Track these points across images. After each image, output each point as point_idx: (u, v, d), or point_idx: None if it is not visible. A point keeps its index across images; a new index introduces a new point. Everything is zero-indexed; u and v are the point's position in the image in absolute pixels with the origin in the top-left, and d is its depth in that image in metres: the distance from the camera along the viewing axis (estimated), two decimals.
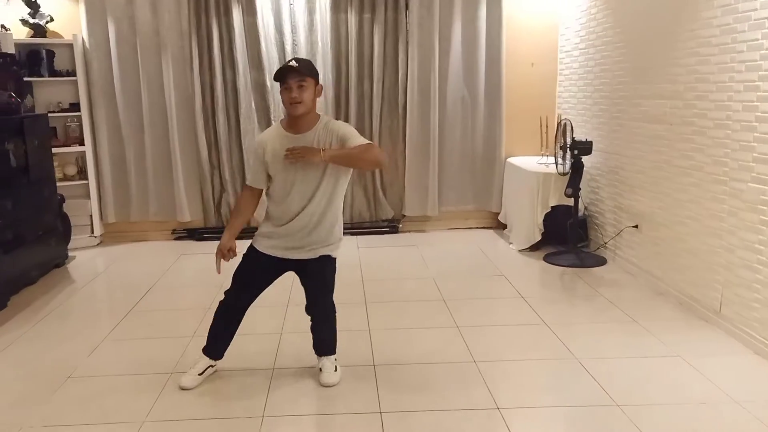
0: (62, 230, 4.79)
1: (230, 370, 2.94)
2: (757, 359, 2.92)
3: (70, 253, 4.91)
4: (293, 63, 2.52)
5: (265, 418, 2.51)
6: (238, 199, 2.65)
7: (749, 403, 2.53)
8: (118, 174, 5.40)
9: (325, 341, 2.85)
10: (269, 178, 2.66)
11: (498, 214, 5.61)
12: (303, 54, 5.28)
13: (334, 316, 2.84)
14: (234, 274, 2.76)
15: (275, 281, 2.81)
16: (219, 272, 2.69)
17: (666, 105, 3.73)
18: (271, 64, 5.28)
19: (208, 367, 2.83)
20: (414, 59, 5.33)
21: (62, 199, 4.87)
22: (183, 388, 2.75)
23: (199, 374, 2.79)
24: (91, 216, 5.31)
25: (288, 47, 5.28)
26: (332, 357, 2.84)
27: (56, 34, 5.08)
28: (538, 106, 5.43)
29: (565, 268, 4.44)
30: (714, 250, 3.29)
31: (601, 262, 4.52)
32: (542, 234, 4.76)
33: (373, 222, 5.61)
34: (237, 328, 2.83)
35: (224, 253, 2.70)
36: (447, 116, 5.50)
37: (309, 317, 2.83)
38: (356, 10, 5.25)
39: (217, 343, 2.83)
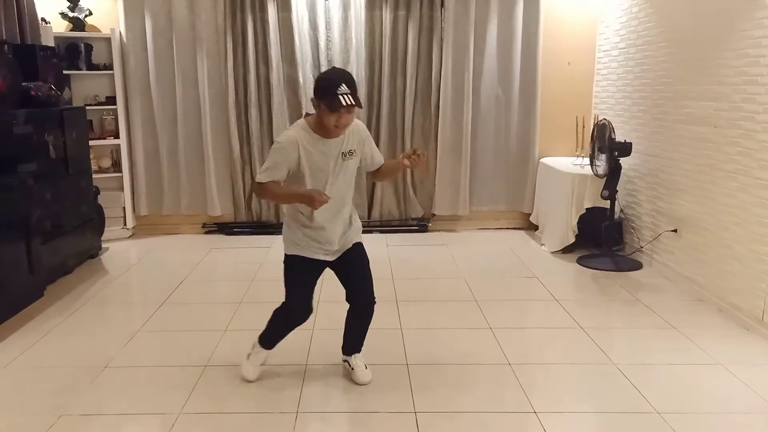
0: (97, 222, 4.86)
1: (264, 365, 2.94)
2: None
3: (103, 245, 4.98)
4: (349, 97, 2.37)
5: (299, 414, 2.51)
6: (270, 187, 2.53)
7: None
8: (152, 167, 5.46)
9: (360, 337, 2.81)
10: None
11: (530, 214, 5.53)
12: (337, 51, 5.27)
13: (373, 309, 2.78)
14: (290, 288, 2.67)
15: None
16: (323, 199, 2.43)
17: (711, 107, 3.63)
18: (305, 60, 5.28)
19: (265, 360, 2.85)
20: (448, 57, 5.28)
21: (97, 191, 4.94)
22: (247, 380, 2.76)
23: (261, 365, 2.81)
24: (124, 208, 5.38)
25: (322, 43, 5.27)
26: (360, 354, 2.82)
27: (94, 28, 5.15)
28: (574, 106, 5.34)
29: (600, 271, 4.36)
30: (759, 257, 3.19)
31: (637, 266, 4.43)
32: (576, 236, 4.68)
33: (402, 220, 5.58)
34: None
35: (320, 197, 2.42)
36: (480, 115, 5.44)
37: (346, 313, 2.78)
38: (391, 7, 5.22)
39: (277, 340, 2.82)
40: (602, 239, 4.56)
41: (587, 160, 4.63)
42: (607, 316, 3.63)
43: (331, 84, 2.39)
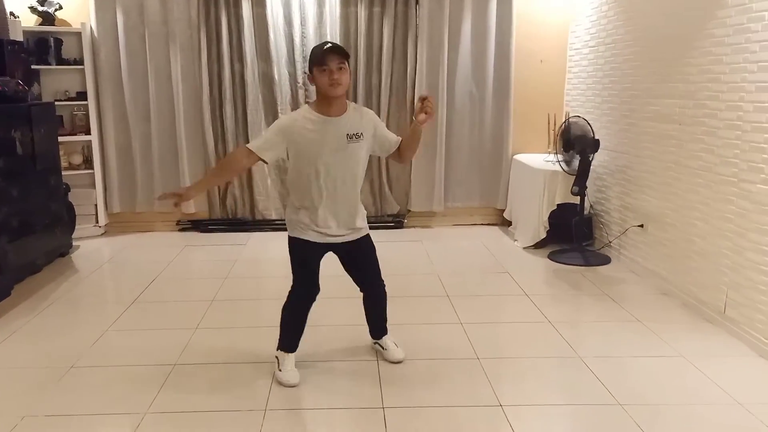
0: (68, 219, 4.80)
1: (233, 363, 2.95)
2: (762, 362, 2.91)
3: (74, 243, 4.92)
4: (330, 45, 2.52)
5: (268, 412, 2.51)
6: (229, 157, 2.59)
7: (754, 405, 2.51)
8: (124, 164, 5.40)
9: (380, 320, 2.96)
10: (281, 161, 2.70)
11: (503, 211, 5.59)
12: (311, 47, 5.24)
13: (385, 293, 2.93)
14: (294, 268, 2.72)
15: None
16: (161, 198, 2.62)
17: (677, 104, 3.70)
18: (280, 56, 5.27)
19: (293, 359, 2.84)
20: (423, 53, 5.30)
21: (68, 188, 4.88)
22: (292, 386, 2.71)
23: (294, 366, 2.79)
24: (96, 206, 5.32)
25: (297, 39, 5.26)
26: (388, 335, 2.98)
27: (64, 23, 5.08)
28: (546, 104, 5.40)
29: (570, 266, 4.43)
30: (721, 251, 3.27)
31: (606, 261, 4.50)
32: (547, 232, 4.75)
33: (378, 217, 5.60)
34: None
35: (177, 196, 2.55)
36: (455, 111, 5.47)
37: (361, 304, 2.92)
38: (366, 3, 5.22)
39: (296, 337, 2.82)
40: (573, 235, 4.63)
41: (560, 157, 4.68)
42: (575, 311, 3.69)
43: (318, 48, 2.55)
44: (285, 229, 2.75)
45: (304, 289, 2.72)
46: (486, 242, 5.13)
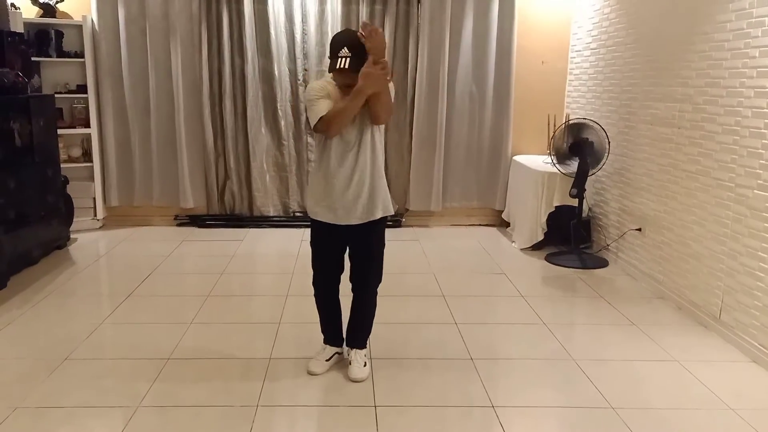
0: (65, 212, 4.80)
1: (227, 358, 2.95)
2: (755, 367, 2.91)
3: (72, 235, 4.92)
4: (344, 60, 2.45)
5: (260, 408, 2.51)
6: (329, 114, 2.47)
7: (745, 411, 2.52)
8: (123, 157, 5.40)
9: (355, 329, 2.83)
10: None
11: (502, 212, 5.58)
12: (312, 44, 5.27)
13: (375, 298, 2.83)
14: (312, 250, 2.76)
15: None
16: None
17: (675, 108, 3.70)
18: (280, 52, 5.26)
19: (335, 354, 2.85)
20: (424, 52, 5.29)
21: (66, 181, 4.87)
22: (312, 373, 2.76)
23: (327, 360, 2.81)
24: (94, 199, 5.32)
25: (298, 36, 5.26)
26: (363, 351, 2.83)
27: (66, 15, 5.07)
28: (547, 105, 5.39)
29: (567, 268, 4.43)
30: (717, 255, 3.27)
31: (603, 264, 4.50)
32: (545, 233, 4.75)
33: None
34: (339, 308, 2.85)
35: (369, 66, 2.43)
36: (455, 111, 5.47)
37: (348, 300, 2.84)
38: (368, 1, 5.21)
39: (326, 328, 2.84)
40: (570, 237, 4.63)
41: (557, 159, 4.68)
42: (569, 313, 3.69)
43: (335, 45, 2.50)
44: (283, 226, 2.76)
45: (318, 273, 2.79)
46: (483, 243, 5.13)
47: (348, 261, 2.78)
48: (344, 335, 2.89)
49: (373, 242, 2.72)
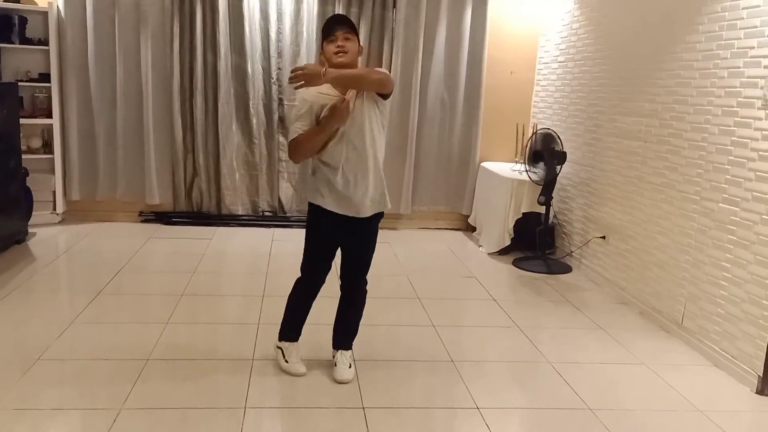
0: (25, 205, 4.60)
1: (209, 359, 2.92)
2: (717, 371, 3.10)
3: (30, 230, 4.73)
4: (338, 16, 2.54)
5: (248, 410, 2.50)
6: (299, 138, 2.51)
7: (713, 412, 2.68)
8: (86, 150, 5.22)
9: (344, 330, 2.85)
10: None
11: (468, 216, 5.70)
12: (287, 43, 5.25)
13: (365, 296, 2.85)
14: (308, 250, 2.72)
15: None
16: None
17: (642, 123, 3.88)
18: (254, 50, 5.21)
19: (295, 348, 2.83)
20: (398, 57, 5.35)
21: (26, 173, 4.68)
22: (299, 374, 2.76)
23: (300, 359, 2.80)
24: (54, 192, 5.12)
25: (272, 35, 5.22)
26: (348, 352, 2.84)
27: (30, 1, 4.87)
28: (515, 114, 5.55)
29: (533, 273, 4.57)
30: (680, 264, 3.46)
31: (567, 269, 4.67)
32: (511, 239, 4.88)
33: None
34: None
35: (341, 103, 2.45)
36: (426, 116, 5.55)
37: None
38: (344, 3, 5.23)
39: (299, 327, 2.82)
40: (536, 243, 4.78)
41: (527, 167, 4.82)
42: (540, 316, 3.81)
43: (326, 22, 2.54)
44: (251, 225, 2.75)
45: (316, 267, 2.80)
46: (452, 246, 5.23)
47: (337, 262, 2.79)
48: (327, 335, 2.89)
49: (373, 235, 2.77)
